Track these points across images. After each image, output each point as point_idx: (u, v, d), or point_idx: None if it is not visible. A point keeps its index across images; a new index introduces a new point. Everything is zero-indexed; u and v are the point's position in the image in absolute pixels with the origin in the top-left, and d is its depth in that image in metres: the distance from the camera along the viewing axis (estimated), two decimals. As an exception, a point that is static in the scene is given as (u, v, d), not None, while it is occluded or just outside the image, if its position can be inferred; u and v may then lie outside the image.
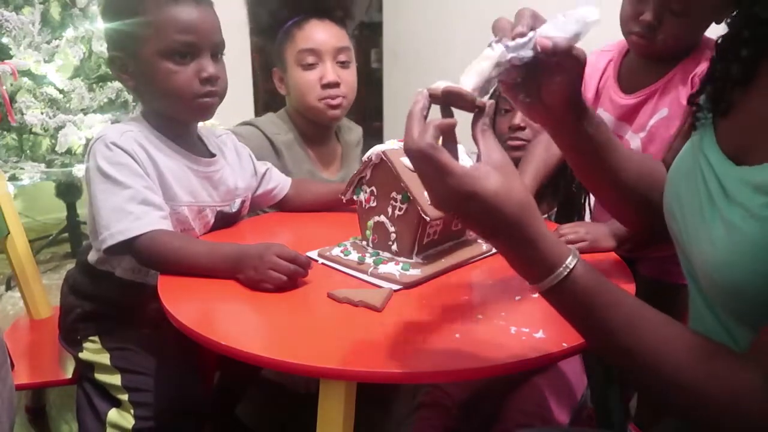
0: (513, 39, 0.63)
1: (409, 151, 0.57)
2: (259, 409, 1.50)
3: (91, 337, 1.06)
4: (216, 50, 1.02)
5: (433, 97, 0.60)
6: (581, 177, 0.84)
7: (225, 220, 1.14)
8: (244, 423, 1.37)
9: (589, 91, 1.21)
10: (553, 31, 0.64)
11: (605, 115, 1.18)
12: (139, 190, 0.95)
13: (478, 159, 0.58)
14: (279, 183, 1.26)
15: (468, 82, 0.61)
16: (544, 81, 0.69)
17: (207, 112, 1.04)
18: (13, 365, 0.85)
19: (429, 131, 0.56)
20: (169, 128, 1.05)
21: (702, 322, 0.67)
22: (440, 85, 0.60)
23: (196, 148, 1.10)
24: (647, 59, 1.12)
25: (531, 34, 0.64)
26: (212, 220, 1.11)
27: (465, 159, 0.71)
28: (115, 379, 0.99)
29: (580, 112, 0.73)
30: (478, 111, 0.60)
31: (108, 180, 0.95)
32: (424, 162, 0.55)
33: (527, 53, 0.64)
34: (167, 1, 0.98)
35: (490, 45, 0.63)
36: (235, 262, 0.87)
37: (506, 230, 0.55)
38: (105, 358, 1.02)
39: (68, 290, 1.11)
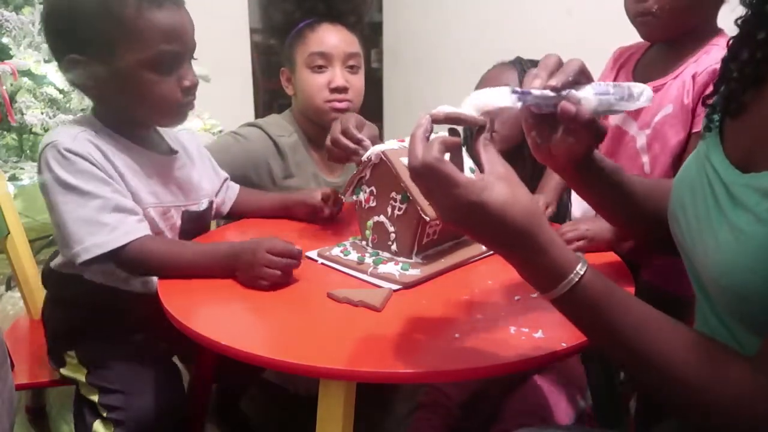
0: (544, 89, 0.63)
1: (414, 169, 0.57)
2: (259, 410, 1.50)
3: (68, 352, 1.02)
4: (192, 54, 0.97)
5: (436, 121, 0.60)
6: (586, 201, 0.84)
7: (193, 221, 1.06)
8: (244, 423, 1.37)
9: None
10: (590, 95, 0.64)
11: None
12: (109, 198, 0.89)
13: (481, 172, 0.58)
14: (229, 192, 1.20)
15: (468, 109, 0.61)
16: (558, 136, 0.70)
17: (185, 118, 1.00)
18: (13, 365, 0.85)
19: (434, 146, 0.57)
20: (126, 127, 0.98)
21: (707, 328, 0.67)
22: (443, 110, 0.60)
23: (155, 145, 1.04)
24: (660, 41, 1.12)
25: (564, 92, 0.64)
26: (179, 221, 1.04)
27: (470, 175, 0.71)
28: (94, 397, 0.96)
29: (586, 168, 0.74)
30: (479, 128, 0.61)
31: (72, 191, 0.88)
32: (430, 175, 0.56)
33: (549, 108, 0.64)
34: (150, 6, 0.89)
35: (513, 91, 0.61)
36: (230, 261, 0.87)
37: (515, 239, 0.56)
38: (83, 375, 0.98)
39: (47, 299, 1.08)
